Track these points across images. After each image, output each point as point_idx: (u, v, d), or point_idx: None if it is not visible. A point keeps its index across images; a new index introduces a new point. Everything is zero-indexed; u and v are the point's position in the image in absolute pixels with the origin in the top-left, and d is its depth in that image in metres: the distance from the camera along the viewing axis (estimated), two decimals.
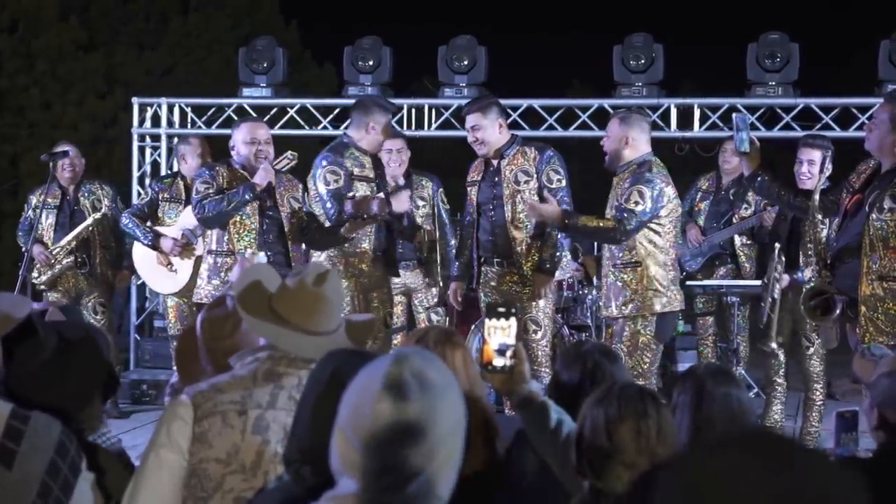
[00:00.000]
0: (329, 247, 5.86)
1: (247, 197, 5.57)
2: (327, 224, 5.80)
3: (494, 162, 5.80)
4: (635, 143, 5.25)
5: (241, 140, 5.75)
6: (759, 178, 4.83)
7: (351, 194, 5.73)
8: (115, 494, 2.37)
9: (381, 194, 5.79)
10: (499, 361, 2.49)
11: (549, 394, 2.93)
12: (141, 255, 7.03)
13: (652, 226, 5.16)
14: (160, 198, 7.01)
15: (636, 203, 5.09)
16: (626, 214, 5.13)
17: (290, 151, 5.86)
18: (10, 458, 2.04)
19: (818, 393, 6.06)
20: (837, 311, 4.47)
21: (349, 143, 5.94)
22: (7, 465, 2.03)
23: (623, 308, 5.21)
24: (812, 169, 5.89)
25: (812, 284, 4.79)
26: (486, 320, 2.50)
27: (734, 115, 5.21)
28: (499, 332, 2.49)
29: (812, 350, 6.03)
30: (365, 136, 5.95)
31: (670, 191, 5.21)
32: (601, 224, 5.29)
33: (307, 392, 2.10)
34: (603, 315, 5.63)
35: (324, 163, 5.82)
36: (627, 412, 2.24)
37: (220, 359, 2.69)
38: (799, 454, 1.16)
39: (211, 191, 5.62)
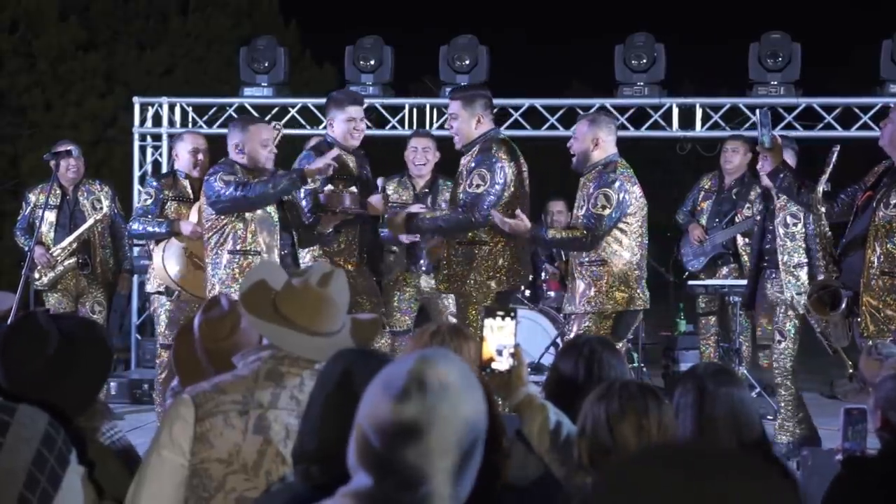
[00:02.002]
0: (309, 244, 5.78)
1: (288, 182, 5.34)
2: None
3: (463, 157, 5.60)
4: (603, 145, 5.25)
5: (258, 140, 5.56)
6: (781, 176, 4.83)
7: (328, 188, 5.66)
8: (109, 490, 2.36)
9: (354, 189, 5.68)
10: (498, 363, 2.49)
11: (547, 386, 2.93)
12: (172, 261, 6.29)
13: (619, 225, 5.15)
14: (164, 196, 6.57)
15: (603, 207, 5.09)
16: (594, 220, 5.11)
17: (274, 122, 5.76)
18: None
19: (782, 388, 6.06)
20: (843, 306, 4.47)
21: (331, 141, 5.88)
22: None
23: (586, 305, 5.17)
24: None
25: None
26: (485, 321, 2.50)
27: (758, 110, 5.20)
28: (497, 333, 2.49)
29: (784, 345, 6.03)
30: (331, 133, 5.88)
31: (637, 190, 5.21)
32: (571, 234, 5.25)
33: (316, 392, 2.09)
34: (565, 311, 5.54)
35: (304, 162, 5.76)
36: (629, 408, 2.24)
37: (219, 360, 2.69)
38: (718, 464, 1.15)
39: (236, 179, 5.37)
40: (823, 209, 4.69)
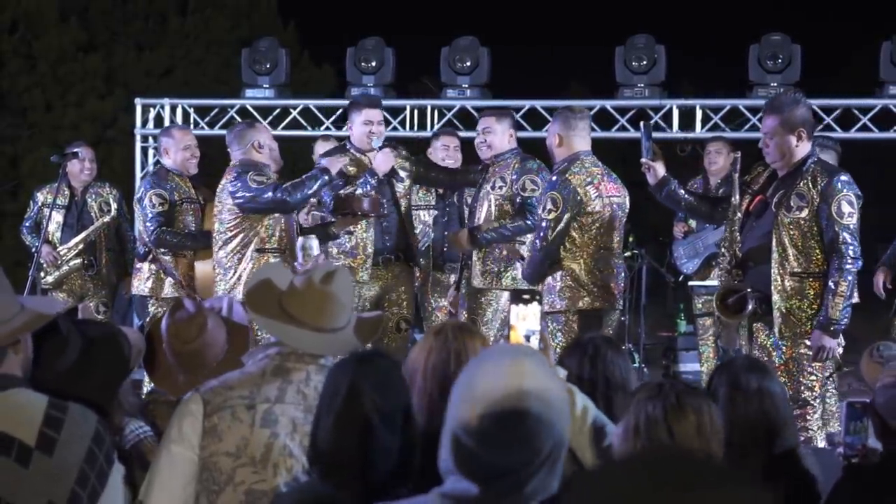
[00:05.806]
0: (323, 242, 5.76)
1: (321, 184, 5.51)
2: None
3: (491, 168, 5.91)
4: (567, 142, 5.28)
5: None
6: (665, 188, 4.86)
7: (349, 190, 5.73)
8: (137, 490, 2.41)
9: (372, 192, 5.75)
10: None
11: None
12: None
13: (573, 224, 5.16)
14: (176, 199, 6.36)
15: (549, 212, 5.14)
16: (535, 219, 5.36)
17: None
18: (50, 445, 2.08)
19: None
20: (749, 309, 4.50)
21: (348, 145, 6.00)
22: (48, 453, 2.08)
23: (553, 304, 5.20)
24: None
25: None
26: (512, 307, 2.54)
27: (642, 123, 5.26)
28: (526, 319, 2.53)
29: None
30: (351, 136, 6.01)
31: (593, 190, 5.15)
32: (511, 223, 5.69)
33: (324, 396, 2.15)
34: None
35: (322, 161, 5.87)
36: (686, 407, 2.23)
37: (188, 362, 2.73)
38: (698, 474, 1.16)
39: (269, 181, 5.50)
40: (739, 216, 4.69)
